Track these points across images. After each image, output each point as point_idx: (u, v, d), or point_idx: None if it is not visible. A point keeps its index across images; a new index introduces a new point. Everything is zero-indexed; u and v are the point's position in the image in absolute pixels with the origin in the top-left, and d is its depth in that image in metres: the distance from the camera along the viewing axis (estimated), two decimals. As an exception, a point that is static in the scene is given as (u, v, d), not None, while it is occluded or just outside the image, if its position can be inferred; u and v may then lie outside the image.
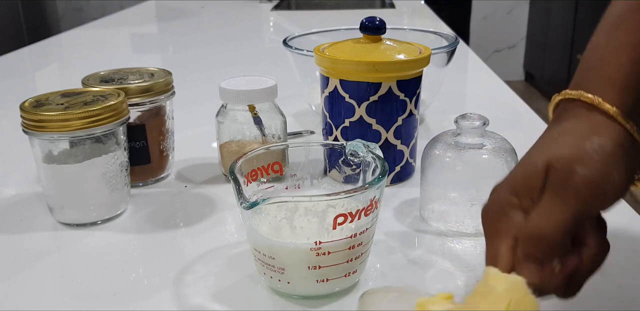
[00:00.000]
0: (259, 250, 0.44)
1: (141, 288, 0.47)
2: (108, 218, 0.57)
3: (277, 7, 2.12)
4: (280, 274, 0.43)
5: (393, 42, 0.62)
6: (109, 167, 0.55)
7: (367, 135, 0.61)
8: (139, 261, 0.51)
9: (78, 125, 0.52)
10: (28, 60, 1.36)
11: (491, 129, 0.54)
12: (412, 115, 0.62)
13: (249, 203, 0.40)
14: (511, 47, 3.72)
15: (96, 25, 1.79)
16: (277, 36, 1.66)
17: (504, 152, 0.52)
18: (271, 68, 1.20)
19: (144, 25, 1.83)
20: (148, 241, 0.54)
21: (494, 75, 1.11)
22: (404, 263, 0.49)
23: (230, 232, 0.55)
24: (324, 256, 0.42)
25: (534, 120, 0.86)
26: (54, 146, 0.54)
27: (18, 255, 0.52)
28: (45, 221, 0.57)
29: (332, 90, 0.61)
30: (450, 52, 0.78)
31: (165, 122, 0.65)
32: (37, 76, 1.24)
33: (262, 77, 0.65)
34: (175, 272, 0.49)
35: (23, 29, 2.88)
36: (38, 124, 0.52)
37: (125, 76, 0.63)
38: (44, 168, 0.54)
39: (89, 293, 0.46)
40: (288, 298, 0.45)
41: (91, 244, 0.54)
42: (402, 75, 0.59)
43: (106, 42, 1.56)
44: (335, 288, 0.45)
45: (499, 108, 0.92)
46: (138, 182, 0.64)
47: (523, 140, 0.77)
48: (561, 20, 3.10)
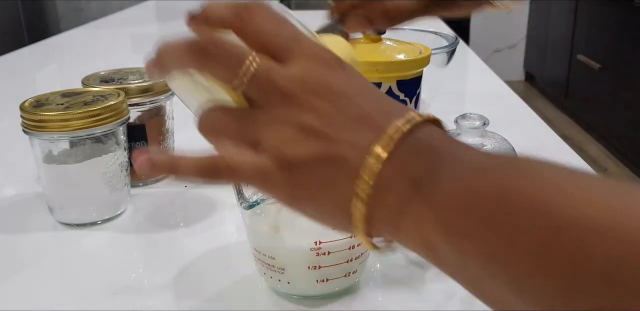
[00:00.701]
0: (259, 250, 0.44)
1: (141, 288, 0.47)
2: (108, 218, 0.57)
3: (277, 7, 2.12)
4: (280, 274, 0.43)
5: (393, 42, 0.62)
6: (109, 167, 0.55)
7: (367, 135, 0.61)
8: (139, 261, 0.51)
9: (78, 125, 0.52)
10: (28, 60, 1.36)
11: (491, 129, 0.54)
12: (412, 115, 0.62)
13: (248, 203, 0.40)
14: (511, 47, 3.71)
15: (96, 25, 1.79)
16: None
17: (504, 152, 0.52)
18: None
19: (144, 25, 1.83)
20: (148, 241, 0.54)
21: (494, 75, 1.11)
22: (404, 263, 0.49)
23: (230, 232, 0.55)
24: (324, 256, 0.42)
25: (534, 120, 0.86)
26: (54, 146, 0.54)
27: (18, 255, 0.52)
28: (45, 221, 0.57)
29: (332, 90, 0.61)
30: (450, 52, 0.78)
31: (165, 122, 0.65)
32: (37, 76, 1.24)
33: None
34: (175, 272, 0.49)
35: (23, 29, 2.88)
36: (38, 124, 0.52)
37: (125, 76, 0.63)
38: (44, 168, 0.54)
39: (89, 293, 0.46)
40: (288, 298, 0.45)
41: (91, 244, 0.54)
42: (402, 75, 0.59)
43: (106, 42, 1.56)
44: (335, 288, 0.45)
45: (499, 108, 0.92)
46: (138, 182, 0.64)
47: (523, 140, 0.77)
48: (561, 20, 3.10)
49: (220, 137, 0.30)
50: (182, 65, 0.31)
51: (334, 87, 0.28)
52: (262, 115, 0.29)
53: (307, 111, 0.28)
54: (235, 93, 0.30)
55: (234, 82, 0.29)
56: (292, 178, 0.28)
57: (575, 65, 2.93)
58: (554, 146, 0.76)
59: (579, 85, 2.92)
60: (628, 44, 2.42)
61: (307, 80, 0.28)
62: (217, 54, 0.29)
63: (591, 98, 2.78)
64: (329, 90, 0.28)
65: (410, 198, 0.26)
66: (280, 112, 0.28)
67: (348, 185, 0.27)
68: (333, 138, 0.27)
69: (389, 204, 0.26)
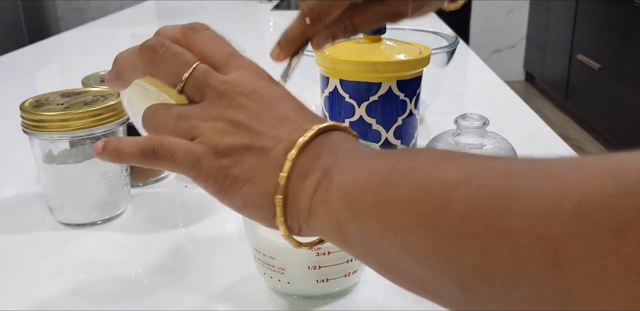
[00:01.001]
0: (259, 250, 0.44)
1: (141, 288, 0.47)
2: (108, 218, 0.57)
3: (277, 7, 2.12)
4: (280, 274, 0.43)
5: (393, 42, 0.62)
6: (109, 167, 0.55)
7: (367, 135, 0.61)
8: (139, 261, 0.51)
9: (78, 125, 0.52)
10: (28, 60, 1.36)
11: (491, 129, 0.54)
12: (412, 115, 0.62)
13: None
14: (511, 47, 3.72)
15: (96, 25, 1.79)
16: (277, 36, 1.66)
17: (504, 152, 0.52)
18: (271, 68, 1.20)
19: (144, 25, 1.83)
20: (148, 241, 0.54)
21: (494, 75, 1.11)
22: (404, 263, 0.49)
23: (230, 232, 0.55)
24: (324, 256, 0.42)
25: (534, 120, 0.86)
26: (54, 146, 0.54)
27: (18, 255, 0.52)
28: (45, 221, 0.57)
29: (332, 90, 0.61)
30: (450, 52, 0.78)
31: (165, 122, 0.65)
32: (37, 76, 1.24)
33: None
34: (175, 272, 0.49)
35: (23, 29, 2.88)
36: (38, 124, 0.52)
37: (125, 76, 0.63)
38: (44, 168, 0.54)
39: (89, 293, 0.46)
40: (288, 298, 0.45)
41: (91, 244, 0.54)
42: (402, 75, 0.59)
43: (106, 42, 1.56)
44: (335, 288, 0.45)
45: (499, 108, 0.92)
46: (138, 182, 0.64)
47: (523, 140, 0.77)
48: (561, 20, 3.11)
49: (162, 132, 0.34)
50: (136, 68, 0.35)
51: (263, 93, 0.33)
52: (200, 111, 0.33)
53: (239, 110, 0.32)
54: (179, 97, 0.34)
55: (177, 83, 0.34)
56: (221, 166, 0.32)
57: (575, 65, 2.94)
58: (554, 146, 0.76)
59: (579, 85, 2.92)
60: (628, 44, 2.42)
61: (240, 84, 0.33)
62: (166, 55, 0.34)
63: (591, 98, 2.78)
64: (258, 94, 0.33)
65: (323, 187, 0.29)
66: (216, 110, 0.33)
67: (270, 175, 0.30)
68: (259, 132, 0.31)
69: (304, 193, 0.30)
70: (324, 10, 0.44)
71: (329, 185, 0.29)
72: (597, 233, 0.19)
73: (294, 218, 0.31)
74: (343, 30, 0.47)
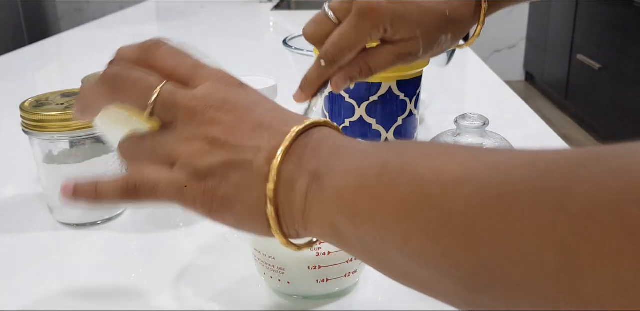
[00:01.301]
0: (259, 250, 0.44)
1: (141, 288, 0.47)
2: (108, 218, 0.57)
3: (277, 7, 2.12)
4: (280, 274, 0.43)
5: (393, 42, 0.62)
6: (109, 167, 0.55)
7: (367, 135, 0.61)
8: (139, 261, 0.51)
9: (78, 125, 0.52)
10: (28, 60, 1.36)
11: (491, 129, 0.54)
12: (412, 115, 0.62)
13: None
14: (511, 47, 3.72)
15: (96, 25, 1.79)
16: (277, 36, 1.66)
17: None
18: (271, 68, 1.20)
19: (144, 25, 1.83)
20: (148, 241, 0.54)
21: (494, 75, 1.11)
22: (404, 263, 0.49)
23: (230, 232, 0.55)
24: (324, 256, 0.42)
25: (534, 120, 0.86)
26: (54, 146, 0.54)
27: (18, 255, 0.52)
28: (45, 221, 0.57)
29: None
30: (450, 52, 0.78)
31: (165, 122, 0.65)
32: (37, 76, 1.24)
33: (262, 77, 0.64)
34: (175, 272, 0.49)
35: (23, 29, 2.88)
36: (38, 124, 0.52)
37: (125, 76, 0.63)
38: (44, 168, 0.54)
39: (88, 293, 0.46)
40: (288, 298, 0.45)
41: (91, 244, 0.54)
42: (402, 75, 0.59)
43: (106, 42, 1.56)
44: (335, 288, 0.45)
45: (499, 108, 0.92)
46: (138, 182, 0.64)
47: (523, 140, 0.77)
48: (561, 20, 3.11)
49: (139, 160, 0.33)
50: (102, 98, 0.34)
51: (235, 102, 0.32)
52: (173, 134, 0.32)
53: (212, 125, 0.31)
54: (150, 120, 0.33)
55: (144, 108, 0.32)
56: (206, 188, 0.30)
57: (575, 65, 2.93)
58: (553, 146, 0.76)
59: (579, 85, 2.92)
60: (628, 44, 2.42)
61: (209, 97, 0.32)
62: (126, 82, 0.33)
63: (591, 98, 2.78)
64: (230, 104, 0.31)
65: (313, 191, 0.28)
66: (188, 129, 0.31)
67: (258, 188, 0.29)
68: (237, 145, 0.30)
69: (295, 199, 0.29)
70: (337, 54, 0.46)
71: (319, 189, 0.28)
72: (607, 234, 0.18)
73: (290, 225, 0.30)
74: (359, 72, 0.48)
